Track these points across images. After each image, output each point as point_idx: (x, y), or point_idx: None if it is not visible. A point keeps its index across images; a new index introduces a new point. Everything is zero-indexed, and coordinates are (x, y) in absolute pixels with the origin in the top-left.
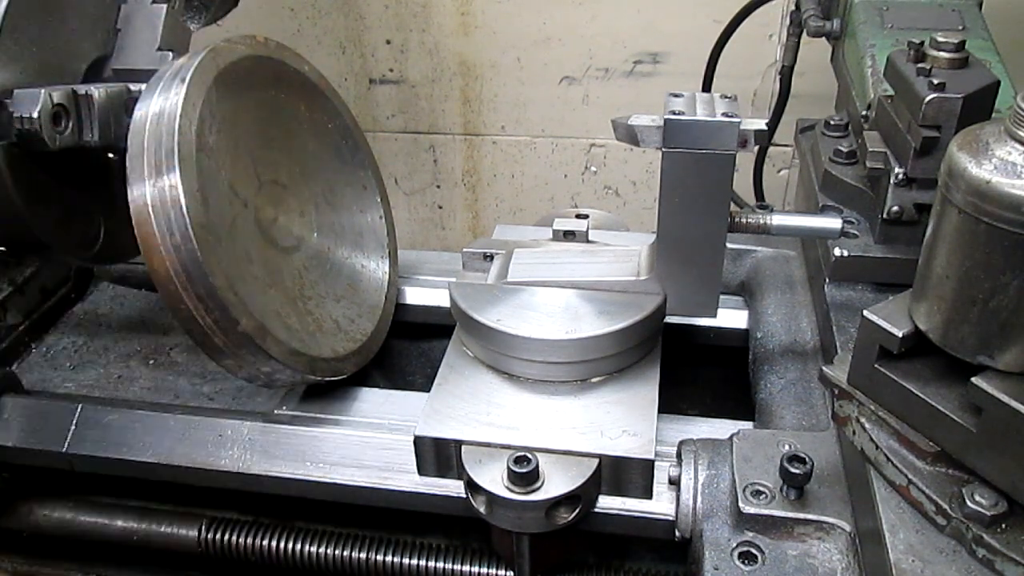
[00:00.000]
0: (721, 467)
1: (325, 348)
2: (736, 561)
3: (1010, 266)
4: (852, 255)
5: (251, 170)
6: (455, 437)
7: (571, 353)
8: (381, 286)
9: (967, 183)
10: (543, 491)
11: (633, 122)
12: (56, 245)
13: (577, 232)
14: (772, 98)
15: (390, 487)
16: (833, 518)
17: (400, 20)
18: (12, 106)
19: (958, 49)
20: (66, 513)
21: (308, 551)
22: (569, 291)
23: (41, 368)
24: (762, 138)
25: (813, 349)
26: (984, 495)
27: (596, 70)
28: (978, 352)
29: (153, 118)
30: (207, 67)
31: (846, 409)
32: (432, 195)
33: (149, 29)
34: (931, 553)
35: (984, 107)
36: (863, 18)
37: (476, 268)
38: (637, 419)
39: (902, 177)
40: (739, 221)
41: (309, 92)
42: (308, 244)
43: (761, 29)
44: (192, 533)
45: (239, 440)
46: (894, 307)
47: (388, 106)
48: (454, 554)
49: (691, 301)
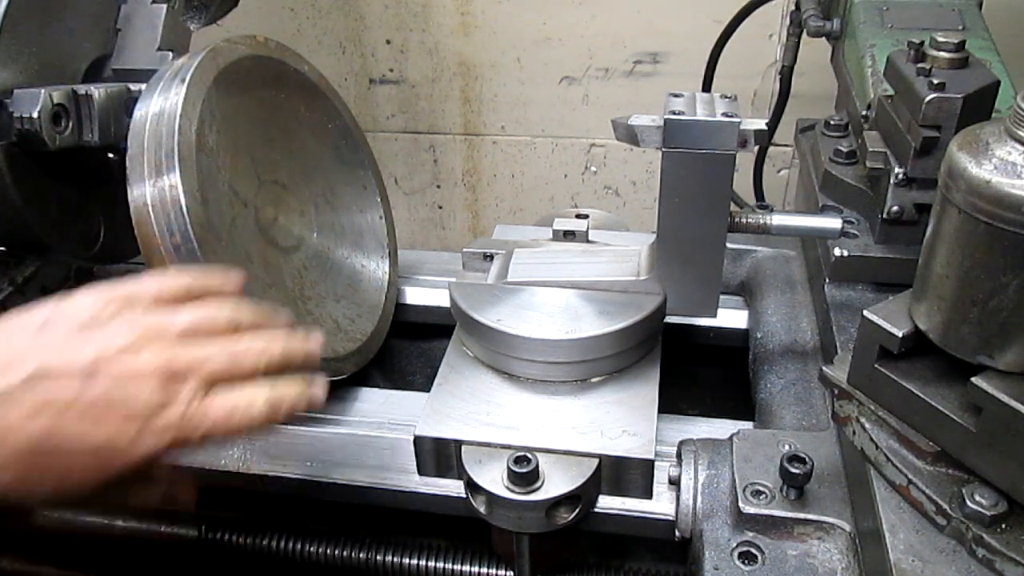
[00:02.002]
0: (721, 467)
1: (325, 348)
2: (736, 561)
3: (1010, 266)
4: (852, 255)
5: (251, 170)
6: (455, 437)
7: (571, 353)
8: (381, 286)
9: (967, 183)
10: (543, 491)
11: (633, 122)
12: (56, 245)
13: (577, 232)
14: (772, 98)
15: (390, 487)
16: (833, 518)
17: (400, 20)
18: (12, 106)
19: (958, 49)
20: (66, 513)
21: (308, 551)
22: (569, 291)
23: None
24: (762, 138)
25: (813, 349)
26: (984, 495)
27: (596, 70)
28: (978, 352)
29: (153, 118)
30: (207, 67)
31: (846, 409)
32: (432, 195)
33: (149, 29)
34: (931, 553)
35: (984, 107)
36: (863, 18)
37: (476, 268)
38: (637, 419)
39: (902, 177)
40: (739, 221)
41: (309, 92)
42: (308, 244)
43: (761, 29)
44: (192, 533)
45: (239, 440)
46: (894, 307)
47: (388, 106)
48: (454, 554)
49: (691, 301)
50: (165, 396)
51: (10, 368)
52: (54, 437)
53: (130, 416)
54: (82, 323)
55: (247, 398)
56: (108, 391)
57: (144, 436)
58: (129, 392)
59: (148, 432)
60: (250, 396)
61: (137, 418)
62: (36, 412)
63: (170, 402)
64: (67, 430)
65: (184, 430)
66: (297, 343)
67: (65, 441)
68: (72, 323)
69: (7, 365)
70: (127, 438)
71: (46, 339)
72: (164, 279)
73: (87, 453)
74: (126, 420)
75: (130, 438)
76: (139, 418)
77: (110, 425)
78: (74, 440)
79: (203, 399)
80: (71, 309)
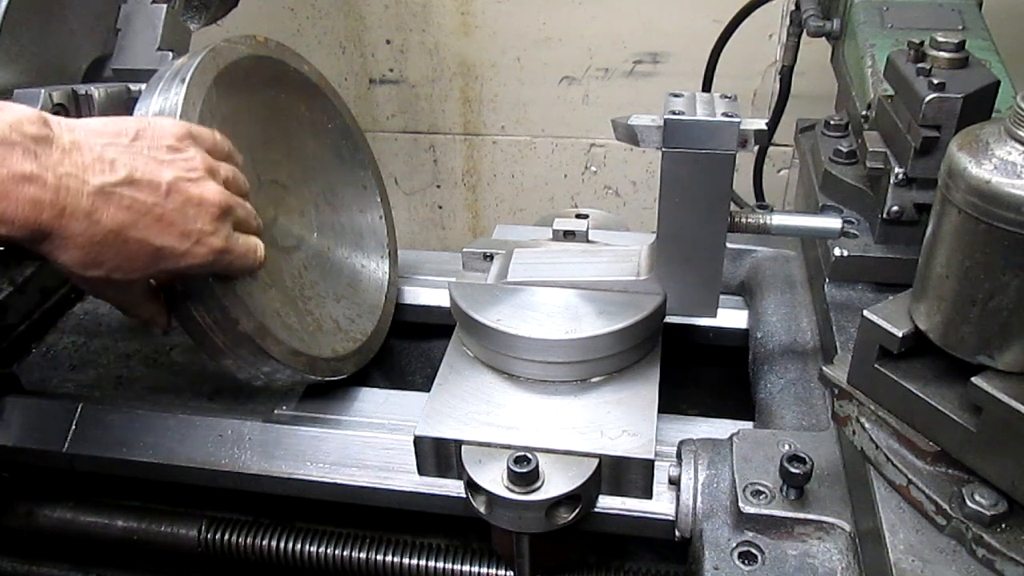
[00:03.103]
0: (721, 467)
1: (325, 348)
2: (736, 561)
3: (1010, 266)
4: (852, 255)
5: (251, 170)
6: (455, 437)
7: (571, 353)
8: (381, 286)
9: (967, 183)
10: (543, 491)
11: (633, 122)
12: None
13: (577, 232)
14: (772, 98)
15: (390, 487)
16: (833, 518)
17: (400, 20)
18: None
19: (958, 49)
20: (66, 513)
21: (308, 551)
22: (569, 291)
23: (41, 368)
24: (762, 138)
25: (813, 349)
26: (984, 495)
27: (596, 70)
28: (978, 352)
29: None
30: (207, 67)
31: (846, 409)
32: (432, 195)
33: (149, 29)
34: (931, 553)
35: (984, 107)
36: (863, 18)
37: (476, 268)
38: (637, 419)
39: (902, 177)
40: (739, 221)
41: (309, 92)
42: (308, 244)
43: (761, 29)
44: (192, 533)
45: (239, 440)
46: (894, 307)
47: (388, 106)
48: (454, 554)
49: (691, 301)
50: (216, 225)
51: (112, 168)
52: (129, 231)
53: (186, 233)
54: (167, 146)
55: (254, 244)
56: (177, 208)
57: (193, 251)
58: (191, 214)
59: (197, 249)
60: (257, 243)
61: (192, 235)
62: (122, 208)
63: (217, 231)
64: (139, 229)
65: (221, 256)
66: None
67: (134, 237)
68: (158, 143)
69: (109, 164)
70: (181, 249)
71: (138, 151)
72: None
73: (146, 251)
74: (183, 236)
75: (183, 250)
76: (193, 236)
77: (171, 236)
78: (141, 239)
79: (236, 236)
80: (158, 130)
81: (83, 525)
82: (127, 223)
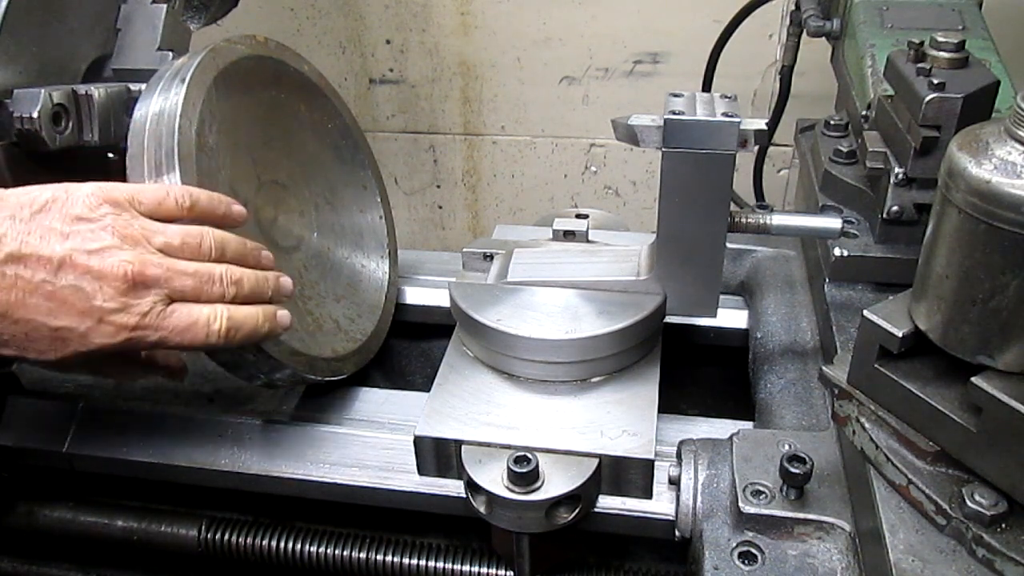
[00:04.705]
0: (721, 467)
1: (325, 348)
2: (736, 561)
3: (1010, 266)
4: (852, 255)
5: (251, 170)
6: (455, 437)
7: (571, 353)
8: (381, 286)
9: (967, 183)
10: (543, 491)
11: (633, 122)
12: None
13: (577, 232)
14: (772, 98)
15: (390, 487)
16: (833, 518)
17: (400, 20)
18: (12, 106)
19: (958, 49)
20: (66, 513)
21: (308, 551)
22: (569, 291)
23: (41, 368)
24: (762, 138)
25: (813, 349)
26: (984, 495)
27: (596, 70)
28: (978, 352)
29: (153, 118)
30: (207, 67)
31: (846, 409)
32: (432, 195)
33: (149, 29)
34: (931, 553)
35: (984, 107)
36: (863, 18)
37: (476, 268)
38: (637, 419)
39: (902, 177)
40: (739, 221)
41: (309, 92)
42: (308, 244)
43: (761, 29)
44: (192, 533)
45: (238, 440)
46: (894, 307)
47: (388, 106)
48: (454, 554)
49: (691, 301)
50: (124, 301)
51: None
52: (15, 312)
53: (85, 312)
54: (74, 216)
55: (207, 315)
56: (70, 285)
57: (97, 331)
58: (88, 291)
59: (101, 328)
60: (210, 314)
61: (92, 314)
62: (7, 286)
63: (127, 307)
64: (28, 310)
65: (138, 334)
66: (271, 279)
67: (23, 317)
68: (66, 214)
69: None
70: (81, 330)
71: (36, 224)
72: (171, 190)
73: (44, 334)
74: (81, 315)
75: (84, 330)
76: (94, 315)
77: (67, 315)
78: (33, 320)
79: (163, 310)
80: (70, 199)
81: (83, 525)
82: (12, 303)
